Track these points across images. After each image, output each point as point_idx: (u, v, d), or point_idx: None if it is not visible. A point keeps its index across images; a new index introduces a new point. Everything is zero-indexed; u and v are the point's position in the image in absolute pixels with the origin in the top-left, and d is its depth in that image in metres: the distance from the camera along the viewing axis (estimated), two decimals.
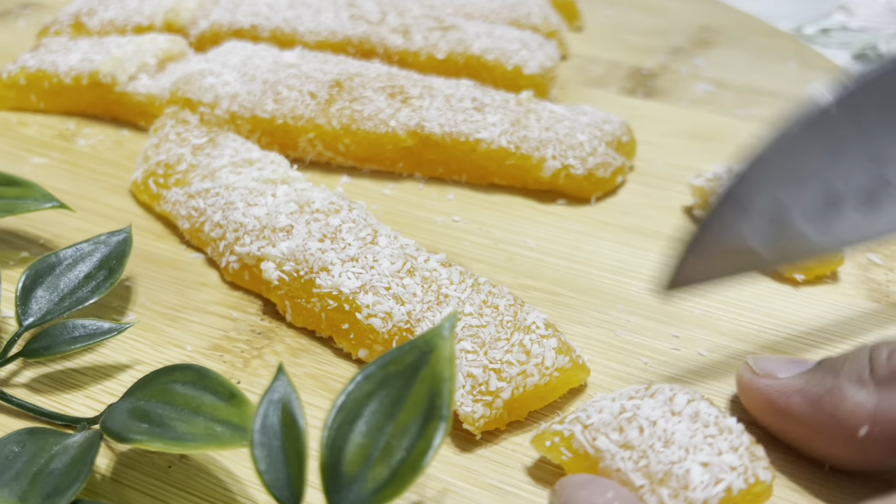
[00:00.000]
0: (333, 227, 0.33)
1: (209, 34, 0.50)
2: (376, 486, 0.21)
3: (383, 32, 0.48)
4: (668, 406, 0.25)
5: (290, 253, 0.32)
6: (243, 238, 0.34)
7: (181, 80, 0.43)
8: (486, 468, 0.27)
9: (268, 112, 0.41)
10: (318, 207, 0.34)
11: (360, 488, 0.21)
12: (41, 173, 0.42)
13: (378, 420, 0.22)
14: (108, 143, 0.44)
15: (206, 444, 0.23)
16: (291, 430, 0.23)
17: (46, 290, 0.31)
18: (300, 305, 0.32)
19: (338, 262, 0.31)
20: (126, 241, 0.33)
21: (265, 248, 0.33)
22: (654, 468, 0.24)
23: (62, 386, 0.30)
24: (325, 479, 0.22)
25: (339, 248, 0.32)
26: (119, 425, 0.25)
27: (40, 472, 0.24)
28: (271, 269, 0.32)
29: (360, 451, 0.22)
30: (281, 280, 0.32)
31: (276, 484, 0.22)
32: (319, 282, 0.31)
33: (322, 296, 0.31)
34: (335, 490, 0.22)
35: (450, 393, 0.22)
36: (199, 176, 0.37)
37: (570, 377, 0.29)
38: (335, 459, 0.22)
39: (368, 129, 0.40)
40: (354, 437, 0.22)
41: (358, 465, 0.22)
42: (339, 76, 0.42)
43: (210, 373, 0.26)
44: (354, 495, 0.21)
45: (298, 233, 0.33)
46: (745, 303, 0.34)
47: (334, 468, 0.22)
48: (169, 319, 0.33)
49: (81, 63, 0.45)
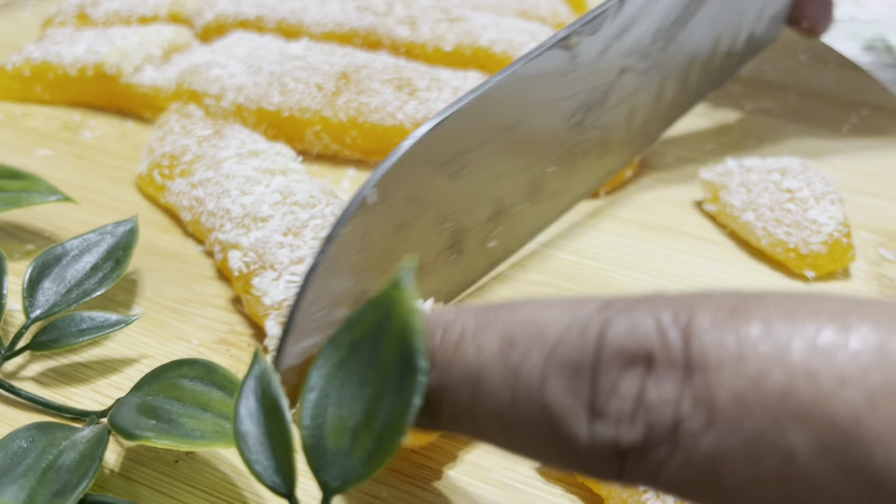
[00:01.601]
0: (301, 221, 0.32)
1: (214, 25, 0.49)
2: (365, 455, 0.20)
3: (390, 24, 0.47)
4: None
5: (256, 244, 0.31)
6: (225, 225, 0.33)
7: (187, 72, 0.43)
8: (496, 464, 0.27)
9: (274, 104, 0.41)
10: (297, 200, 0.33)
11: (349, 461, 0.20)
12: (46, 165, 0.42)
13: (353, 387, 0.21)
14: (114, 134, 0.44)
15: (215, 442, 0.23)
16: (273, 415, 0.22)
17: (53, 281, 0.30)
18: (248, 301, 0.31)
19: (285, 262, 0.30)
20: (132, 231, 0.33)
21: (240, 236, 0.32)
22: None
23: (68, 379, 0.30)
24: (310, 458, 0.21)
25: (295, 245, 0.31)
26: (127, 421, 0.24)
27: (49, 469, 0.24)
28: (236, 258, 0.32)
29: (341, 423, 0.21)
30: (240, 271, 0.31)
31: (265, 473, 0.21)
32: (255, 281, 0.30)
33: (256, 298, 0.30)
34: (323, 468, 0.20)
35: (424, 344, 0.20)
36: (203, 166, 0.37)
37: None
38: (317, 437, 0.21)
39: (375, 122, 0.40)
40: (332, 410, 0.21)
41: (342, 438, 0.20)
42: (346, 68, 0.42)
43: (218, 368, 0.25)
44: (344, 470, 0.20)
45: (272, 224, 0.32)
46: None
47: (318, 446, 0.21)
48: (175, 313, 0.33)
49: (86, 54, 0.45)
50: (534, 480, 0.27)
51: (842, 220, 0.34)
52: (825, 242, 0.34)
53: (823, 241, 0.34)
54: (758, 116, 0.46)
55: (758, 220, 0.35)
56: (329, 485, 0.20)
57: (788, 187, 0.35)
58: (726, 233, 0.37)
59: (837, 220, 0.34)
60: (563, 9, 0.53)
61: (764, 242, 0.35)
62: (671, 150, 0.43)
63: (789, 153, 0.43)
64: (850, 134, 0.45)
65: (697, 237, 0.37)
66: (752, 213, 0.35)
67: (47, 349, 0.29)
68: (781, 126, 0.45)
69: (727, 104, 0.47)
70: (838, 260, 0.34)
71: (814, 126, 0.45)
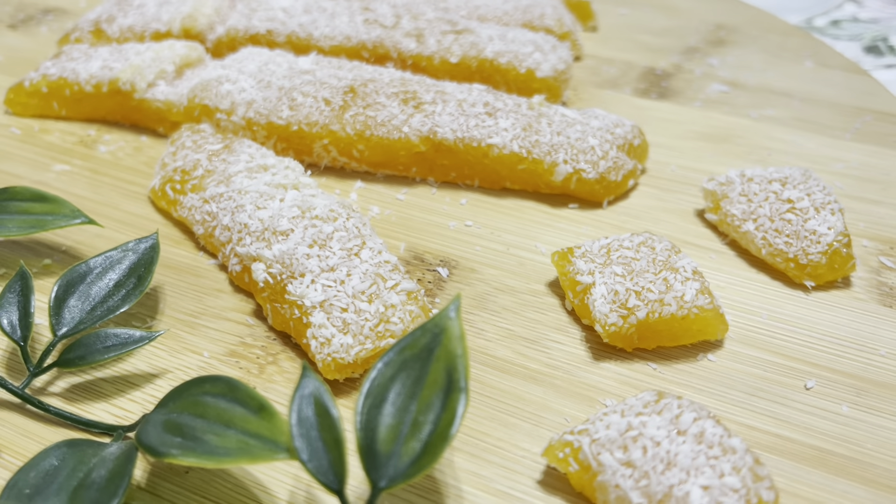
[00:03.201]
0: (325, 234, 0.33)
1: (226, 40, 0.50)
2: (410, 459, 0.24)
3: (397, 37, 0.48)
4: (674, 425, 0.26)
5: (281, 256, 0.33)
6: (245, 238, 0.34)
7: (198, 87, 0.44)
8: (496, 474, 0.28)
9: (283, 118, 0.42)
10: (318, 214, 0.34)
11: (397, 463, 0.24)
12: (64, 180, 0.43)
13: (403, 400, 0.25)
14: (128, 149, 0.45)
15: (239, 458, 0.24)
16: (326, 419, 0.25)
17: (78, 299, 0.32)
18: (277, 309, 0.32)
19: (317, 270, 0.32)
20: (154, 248, 0.34)
21: (262, 249, 0.33)
22: (654, 489, 0.24)
23: (88, 393, 0.31)
24: (363, 459, 0.24)
25: (323, 255, 0.32)
26: (154, 439, 0.25)
27: (80, 487, 0.25)
28: (260, 270, 0.33)
29: (391, 430, 0.24)
30: (266, 282, 0.33)
31: (320, 470, 0.24)
32: (290, 288, 0.32)
33: (291, 303, 0.31)
34: (374, 468, 0.24)
35: (465, 367, 0.25)
36: (214, 181, 0.38)
37: (706, 322, 0.31)
38: (370, 440, 0.24)
39: (382, 135, 0.41)
40: (384, 419, 0.24)
41: (391, 443, 0.24)
42: (353, 82, 0.43)
43: (240, 385, 0.26)
44: (392, 470, 0.24)
45: (294, 237, 0.33)
46: (755, 307, 0.34)
47: (370, 448, 0.24)
48: (187, 326, 0.34)
49: (101, 71, 0.46)
50: (532, 490, 0.27)
51: (842, 230, 0.35)
52: (824, 253, 0.34)
53: (823, 252, 0.34)
54: (762, 124, 0.46)
55: (758, 229, 0.36)
56: (377, 483, 0.24)
57: (789, 197, 0.36)
58: (727, 242, 0.38)
59: (837, 230, 0.35)
60: (568, 18, 0.53)
61: (764, 252, 0.35)
62: (674, 160, 0.43)
63: (792, 161, 0.43)
64: (853, 140, 0.45)
65: (699, 246, 0.38)
66: (752, 223, 0.36)
67: (74, 367, 0.30)
68: (785, 133, 0.45)
69: (731, 112, 0.47)
70: (838, 270, 0.34)
71: (817, 133, 0.45)
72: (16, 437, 0.29)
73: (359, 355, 0.30)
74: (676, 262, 0.32)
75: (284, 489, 0.28)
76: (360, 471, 0.24)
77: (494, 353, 0.32)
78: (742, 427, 0.29)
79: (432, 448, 0.24)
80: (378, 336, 0.30)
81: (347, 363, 0.30)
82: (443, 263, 0.37)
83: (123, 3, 0.55)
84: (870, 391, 0.31)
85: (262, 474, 0.28)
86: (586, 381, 0.31)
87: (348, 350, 0.30)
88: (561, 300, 0.35)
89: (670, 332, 0.31)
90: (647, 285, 0.31)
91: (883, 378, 0.31)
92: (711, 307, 0.31)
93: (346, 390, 0.31)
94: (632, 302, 0.31)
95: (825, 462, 0.28)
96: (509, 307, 0.34)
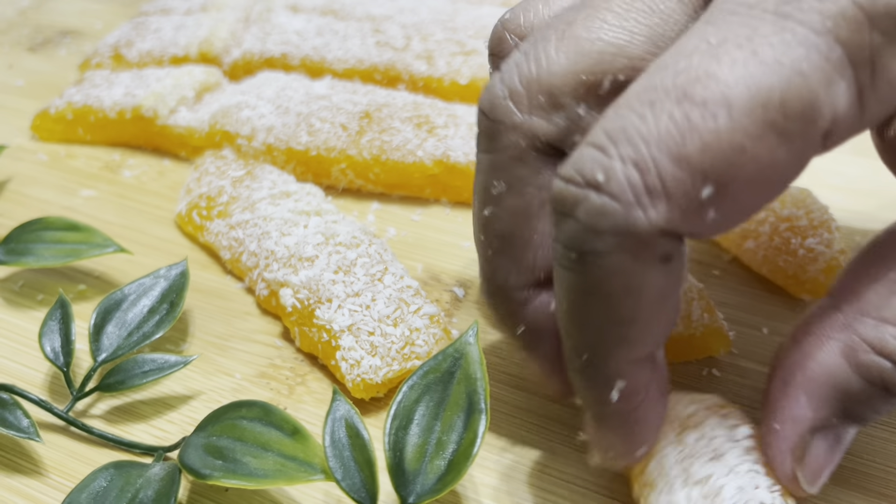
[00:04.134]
0: (349, 260, 0.35)
1: (242, 63, 0.52)
2: (436, 476, 0.26)
3: (408, 59, 0.50)
4: (730, 431, 0.27)
5: (308, 282, 0.34)
6: (272, 265, 0.36)
7: (219, 114, 0.46)
8: (517, 489, 0.30)
9: (302, 144, 0.43)
10: (342, 241, 0.36)
11: (424, 480, 0.26)
12: (91, 206, 0.45)
13: (428, 421, 0.27)
14: (152, 173, 0.47)
15: (278, 480, 0.26)
16: (357, 440, 0.27)
17: (115, 326, 0.34)
18: (305, 333, 0.34)
19: (342, 296, 0.34)
20: (184, 274, 0.36)
21: (289, 275, 0.35)
22: (696, 470, 0.25)
23: (127, 415, 0.33)
24: (393, 477, 0.26)
25: (348, 281, 0.34)
26: (196, 462, 0.27)
27: None
28: (288, 295, 0.35)
29: (418, 449, 0.26)
30: (294, 307, 0.34)
31: (353, 488, 0.26)
32: (319, 313, 0.33)
33: (319, 327, 0.33)
34: (403, 485, 0.26)
35: (485, 390, 0.27)
36: (239, 208, 0.40)
37: (711, 340, 0.33)
38: (398, 459, 0.26)
39: (397, 159, 0.42)
40: (411, 439, 0.27)
41: (418, 462, 0.26)
42: (368, 107, 0.45)
43: (274, 409, 0.28)
44: (420, 487, 0.26)
45: (319, 263, 0.35)
46: (756, 323, 0.36)
47: (399, 467, 0.26)
48: (217, 348, 0.36)
49: (124, 98, 0.48)
50: (553, 503, 0.29)
51: (839, 248, 0.36)
52: (823, 270, 0.36)
53: (821, 269, 0.36)
54: None
55: (758, 248, 0.37)
56: (406, 499, 0.26)
57: (787, 216, 0.38)
58: (728, 259, 0.39)
59: (835, 247, 0.36)
60: None
61: (764, 269, 0.37)
62: None
63: None
64: (851, 153, 0.47)
65: (702, 263, 0.39)
66: (752, 241, 0.38)
67: (115, 391, 0.32)
68: None
69: None
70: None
71: None
72: (62, 458, 0.31)
73: (386, 376, 0.32)
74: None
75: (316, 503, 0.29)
76: (389, 487, 0.26)
77: (511, 370, 0.34)
78: None
79: (456, 466, 0.26)
80: (404, 358, 0.32)
81: (376, 383, 0.32)
82: (459, 283, 0.39)
83: (140, 27, 0.57)
84: None
85: (295, 490, 0.30)
86: None
87: (377, 371, 0.32)
88: None
89: (676, 349, 0.33)
90: None
91: None
92: (716, 325, 0.33)
93: (372, 409, 0.33)
94: None
95: None
96: None
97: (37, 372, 0.35)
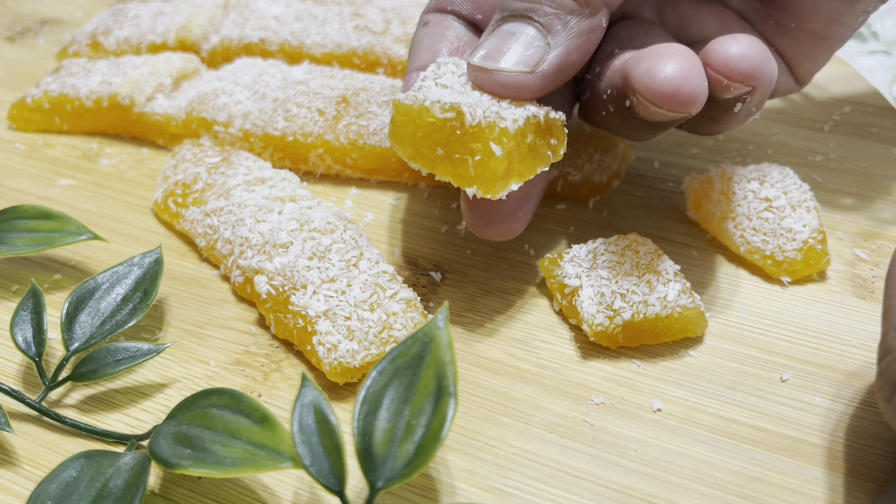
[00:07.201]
0: (324, 246, 0.35)
1: (220, 49, 0.52)
2: (405, 460, 0.26)
3: (387, 43, 0.50)
4: None
5: (282, 268, 0.34)
6: (246, 252, 0.36)
7: (196, 100, 0.46)
8: (489, 471, 0.30)
9: (279, 130, 0.43)
10: (316, 227, 0.36)
11: (392, 464, 0.26)
12: (69, 195, 0.44)
13: (397, 405, 0.26)
14: (130, 161, 0.47)
15: (246, 468, 0.26)
16: (325, 426, 0.26)
17: (88, 314, 0.33)
18: (280, 319, 0.34)
19: (317, 282, 0.33)
20: (158, 262, 0.35)
21: (263, 262, 0.35)
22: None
23: (100, 404, 0.33)
24: (361, 461, 0.26)
25: (323, 267, 0.34)
26: (165, 451, 0.27)
27: (99, 497, 0.27)
28: (262, 282, 0.34)
29: (387, 433, 0.26)
30: (269, 293, 0.34)
31: (321, 473, 0.26)
32: (294, 299, 0.33)
33: (295, 313, 0.33)
34: (372, 470, 0.26)
35: (454, 373, 0.26)
36: (214, 195, 0.39)
37: (688, 321, 0.33)
38: (367, 444, 0.26)
39: (374, 144, 0.42)
40: (380, 423, 0.26)
41: (387, 446, 0.26)
42: (345, 91, 0.44)
43: (243, 396, 0.28)
44: (388, 471, 0.26)
45: (294, 250, 0.35)
46: (733, 303, 0.36)
47: (367, 451, 0.26)
48: (193, 336, 0.36)
49: (101, 86, 0.47)
50: (525, 485, 0.29)
51: (817, 227, 0.36)
52: (800, 249, 0.36)
53: (798, 249, 0.36)
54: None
55: (736, 228, 0.37)
56: (375, 483, 0.26)
57: (766, 196, 0.37)
58: (707, 239, 0.39)
59: (812, 227, 0.36)
60: None
61: (742, 250, 0.37)
62: (657, 156, 0.45)
63: (772, 154, 0.44)
64: (832, 132, 0.46)
65: (680, 244, 0.39)
66: (731, 222, 0.37)
67: (88, 380, 0.32)
68: (764, 126, 0.47)
69: None
70: (813, 265, 0.36)
71: (796, 125, 0.47)
72: (34, 448, 0.31)
73: (364, 360, 0.32)
74: (659, 266, 0.34)
75: (289, 490, 0.29)
76: (359, 472, 0.26)
77: (486, 354, 0.34)
78: (721, 420, 0.31)
79: (425, 449, 0.26)
80: (382, 342, 0.32)
81: (354, 367, 0.32)
82: (436, 268, 0.38)
83: (118, 14, 0.56)
84: (842, 382, 0.32)
85: (268, 477, 0.30)
86: (574, 379, 0.33)
87: (354, 355, 0.31)
88: (549, 301, 0.36)
89: (653, 331, 0.33)
90: (632, 288, 0.33)
91: (854, 368, 0.33)
92: (693, 306, 0.33)
93: (345, 395, 0.33)
94: (617, 304, 0.33)
95: (799, 451, 0.30)
96: (499, 309, 0.36)
97: (10, 362, 0.35)
